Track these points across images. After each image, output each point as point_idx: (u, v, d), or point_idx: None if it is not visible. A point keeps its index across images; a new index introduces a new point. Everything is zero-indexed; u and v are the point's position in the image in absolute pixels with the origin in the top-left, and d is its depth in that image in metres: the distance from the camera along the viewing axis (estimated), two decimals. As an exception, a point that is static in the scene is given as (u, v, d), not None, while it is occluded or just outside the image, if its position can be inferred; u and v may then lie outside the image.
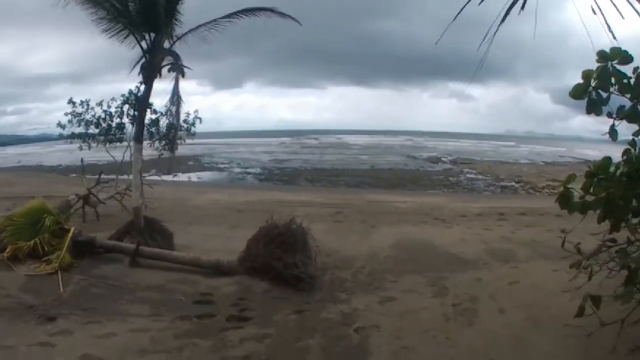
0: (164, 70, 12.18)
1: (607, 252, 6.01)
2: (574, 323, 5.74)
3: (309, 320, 7.83)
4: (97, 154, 18.52)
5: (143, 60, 11.79)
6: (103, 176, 16.60)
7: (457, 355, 6.44)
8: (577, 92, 5.51)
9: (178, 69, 12.50)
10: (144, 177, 14.63)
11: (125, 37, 11.67)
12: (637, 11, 4.96)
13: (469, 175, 44.14)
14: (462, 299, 8.54)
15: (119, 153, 16.30)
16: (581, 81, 5.49)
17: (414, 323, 7.60)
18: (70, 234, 10.08)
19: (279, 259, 9.45)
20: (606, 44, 5.30)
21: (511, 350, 6.46)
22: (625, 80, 5.31)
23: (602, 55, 5.33)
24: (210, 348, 6.62)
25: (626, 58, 5.25)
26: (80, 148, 17.91)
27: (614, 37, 5.13)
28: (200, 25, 11.89)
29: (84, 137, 17.70)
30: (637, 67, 5.23)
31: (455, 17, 5.99)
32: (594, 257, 5.97)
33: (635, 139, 5.55)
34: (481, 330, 7.20)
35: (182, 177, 36.59)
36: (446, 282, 9.54)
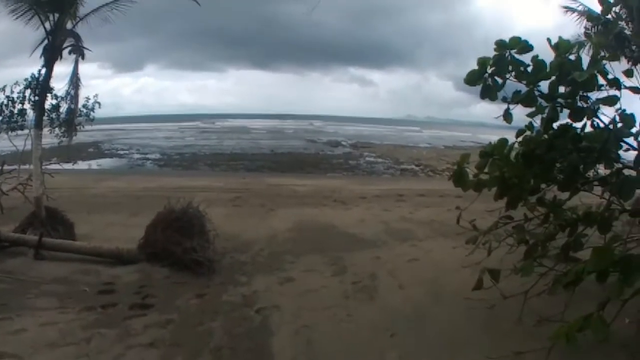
0: (65, 53, 11.72)
1: (504, 228, 6.23)
2: (476, 297, 5.92)
3: (210, 303, 7.76)
4: (0, 144, 17.68)
5: (45, 42, 11.30)
6: (6, 166, 15.68)
7: (359, 331, 6.51)
8: (472, 78, 5.70)
9: (78, 51, 12.05)
10: (45, 165, 14.05)
11: (30, 18, 11.15)
12: None
13: (368, 159, 44.99)
14: (361, 277, 8.69)
15: (22, 142, 15.52)
16: (476, 68, 5.66)
17: (314, 302, 7.66)
18: (-25, 229, 9.56)
19: (178, 243, 9.31)
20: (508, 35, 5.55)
21: (413, 324, 6.58)
22: (522, 68, 5.51)
23: (500, 44, 5.53)
24: (116, 337, 6.43)
25: (525, 48, 5.47)
26: None
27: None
28: (102, 5, 11.54)
29: None
30: (536, 55, 5.44)
31: None
32: (490, 233, 6.17)
33: (532, 121, 5.77)
34: (381, 306, 7.35)
35: (82, 164, 35.45)
36: (345, 262, 9.68)
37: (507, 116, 5.71)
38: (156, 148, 52.17)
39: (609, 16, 7.51)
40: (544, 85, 5.55)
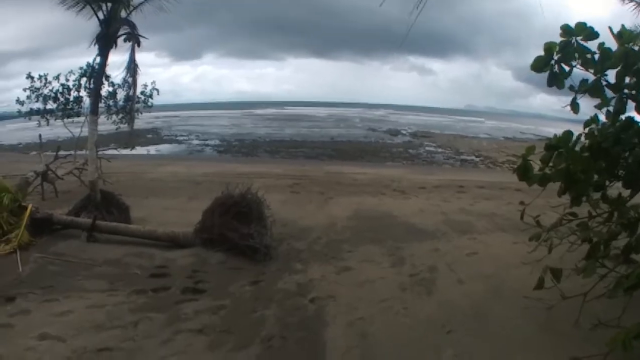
0: (120, 41, 11.85)
1: (567, 225, 6.02)
2: (534, 295, 5.77)
3: (265, 290, 7.74)
4: (56, 130, 18.06)
5: (100, 30, 11.41)
6: (62, 152, 16.08)
7: (415, 325, 6.38)
8: (538, 65, 5.53)
9: (134, 38, 12.15)
10: (102, 151, 14.33)
11: (81, 9, 11.28)
12: None
13: (428, 148, 44.32)
14: (419, 269, 8.54)
15: (78, 128, 15.82)
16: (542, 54, 5.48)
17: (370, 293, 7.55)
18: (28, 212, 9.76)
19: (235, 229, 9.31)
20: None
21: (470, 320, 6.44)
22: (589, 55, 5.31)
23: (566, 30, 5.32)
24: (165, 321, 6.49)
25: (591, 34, 5.28)
26: (39, 124, 17.42)
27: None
28: None
29: (42, 113, 17.16)
30: (603, 43, 5.24)
31: None
32: (553, 229, 5.97)
33: (598, 113, 5.58)
34: (439, 301, 7.19)
35: (141, 150, 35.90)
36: (404, 252, 9.53)
37: (574, 106, 5.51)
38: (215, 135, 52.46)
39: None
40: (610, 75, 5.36)
